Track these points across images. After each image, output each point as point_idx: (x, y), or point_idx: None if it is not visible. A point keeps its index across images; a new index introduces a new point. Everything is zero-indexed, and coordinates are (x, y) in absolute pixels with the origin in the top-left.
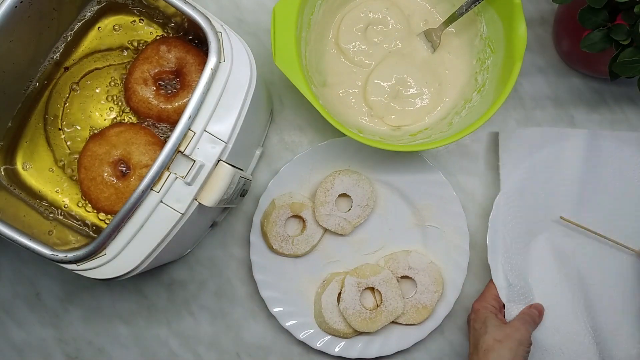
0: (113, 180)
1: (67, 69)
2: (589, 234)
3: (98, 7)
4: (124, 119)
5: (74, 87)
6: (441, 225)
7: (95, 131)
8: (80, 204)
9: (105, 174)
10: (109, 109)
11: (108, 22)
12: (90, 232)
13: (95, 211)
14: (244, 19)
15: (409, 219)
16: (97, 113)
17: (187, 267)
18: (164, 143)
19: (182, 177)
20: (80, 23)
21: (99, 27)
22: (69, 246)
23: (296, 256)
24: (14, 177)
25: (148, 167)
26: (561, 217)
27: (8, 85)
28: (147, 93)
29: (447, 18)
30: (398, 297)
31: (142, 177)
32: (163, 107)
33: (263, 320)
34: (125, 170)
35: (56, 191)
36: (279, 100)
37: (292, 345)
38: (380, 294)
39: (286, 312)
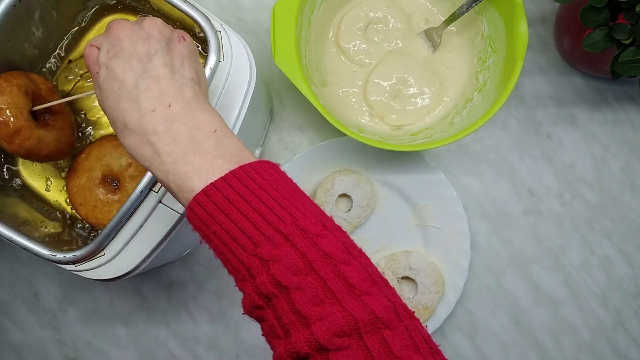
0: (113, 197)
1: (69, 62)
2: None
3: (97, 6)
4: None
5: (72, 89)
6: (442, 226)
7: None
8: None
9: (102, 197)
10: None
11: (106, 22)
12: (89, 233)
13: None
14: (244, 18)
15: (409, 219)
16: (96, 112)
17: (186, 268)
18: None
19: None
20: (79, 23)
21: (98, 27)
22: (68, 247)
23: None
24: (14, 178)
25: (130, 165)
26: None
27: None
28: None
29: (448, 17)
30: None
31: (133, 177)
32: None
33: None
34: (115, 182)
35: (53, 190)
36: (279, 100)
37: None
38: None
39: None
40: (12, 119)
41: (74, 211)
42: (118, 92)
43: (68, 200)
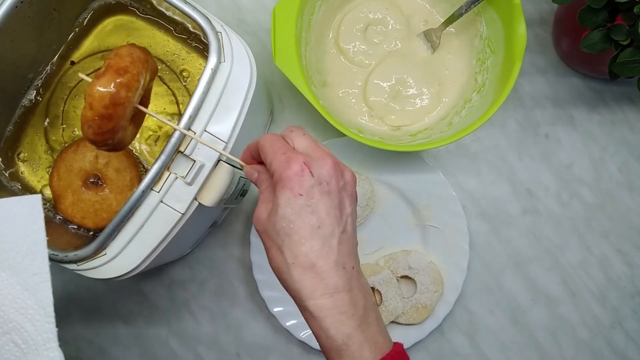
0: (105, 193)
1: (73, 63)
2: None
3: (98, 7)
4: None
5: (73, 90)
6: (441, 225)
7: None
8: None
9: (96, 199)
10: None
11: (108, 23)
12: (91, 232)
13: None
14: (244, 19)
15: (408, 219)
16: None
17: (187, 267)
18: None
19: (182, 177)
20: (81, 23)
21: (99, 28)
22: (69, 246)
23: None
24: (14, 177)
25: (97, 156)
26: None
27: (8, 86)
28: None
29: (447, 18)
30: (398, 297)
31: (107, 164)
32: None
33: (263, 320)
34: (96, 179)
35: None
36: (279, 100)
37: (292, 345)
38: (380, 294)
39: (286, 311)
40: (120, 117)
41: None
42: (316, 230)
43: (73, 221)
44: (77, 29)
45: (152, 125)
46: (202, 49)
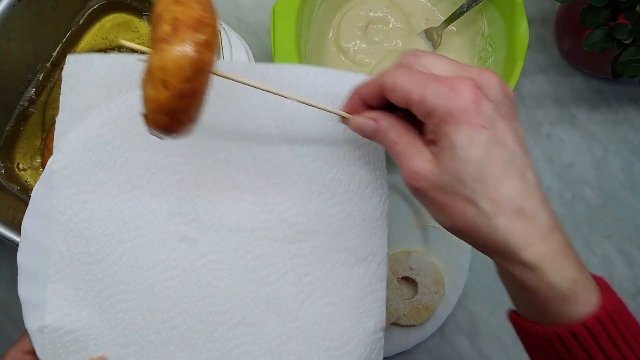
0: None
1: None
2: None
3: (97, 5)
4: None
5: None
6: None
7: None
8: None
9: None
10: None
11: (106, 21)
12: None
13: None
14: (244, 19)
15: (409, 219)
16: None
17: None
18: None
19: None
20: (79, 22)
21: (97, 26)
22: None
23: None
24: (13, 177)
25: None
26: None
27: (7, 85)
28: None
29: (448, 17)
30: (399, 298)
31: None
32: None
33: None
34: None
35: None
36: None
37: None
38: None
39: None
40: (204, 89)
41: None
42: (510, 166)
43: None
44: (75, 28)
45: None
46: None
